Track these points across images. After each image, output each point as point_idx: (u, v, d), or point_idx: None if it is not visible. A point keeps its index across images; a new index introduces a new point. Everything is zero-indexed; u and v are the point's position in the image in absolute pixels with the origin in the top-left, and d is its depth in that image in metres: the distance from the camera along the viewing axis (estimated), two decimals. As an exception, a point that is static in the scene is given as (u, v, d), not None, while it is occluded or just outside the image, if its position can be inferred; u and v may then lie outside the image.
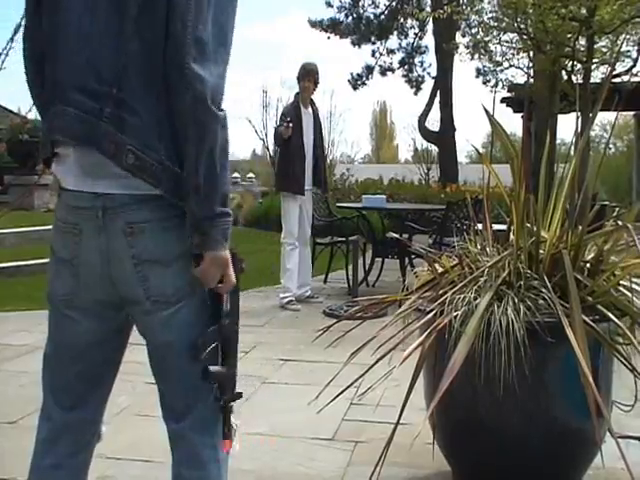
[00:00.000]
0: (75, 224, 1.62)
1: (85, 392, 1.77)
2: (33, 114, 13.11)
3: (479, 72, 18.52)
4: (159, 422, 1.76)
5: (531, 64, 12.44)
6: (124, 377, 1.93)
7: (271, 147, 17.40)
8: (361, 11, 23.43)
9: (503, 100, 15.92)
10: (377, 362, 2.59)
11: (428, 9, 19.68)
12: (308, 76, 6.63)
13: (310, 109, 6.72)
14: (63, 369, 1.76)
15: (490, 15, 11.93)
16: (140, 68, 1.56)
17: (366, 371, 2.59)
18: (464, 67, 73.52)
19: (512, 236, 2.77)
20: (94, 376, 1.78)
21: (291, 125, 6.40)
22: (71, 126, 1.58)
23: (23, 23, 1.73)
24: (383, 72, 23.81)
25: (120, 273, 1.61)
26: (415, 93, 23.99)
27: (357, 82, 23.78)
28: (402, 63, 23.88)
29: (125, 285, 1.62)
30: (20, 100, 20.47)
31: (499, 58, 12.77)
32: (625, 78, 10.32)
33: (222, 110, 1.54)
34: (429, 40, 22.69)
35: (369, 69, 23.77)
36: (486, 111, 2.83)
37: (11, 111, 16.11)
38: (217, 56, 1.55)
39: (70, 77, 1.59)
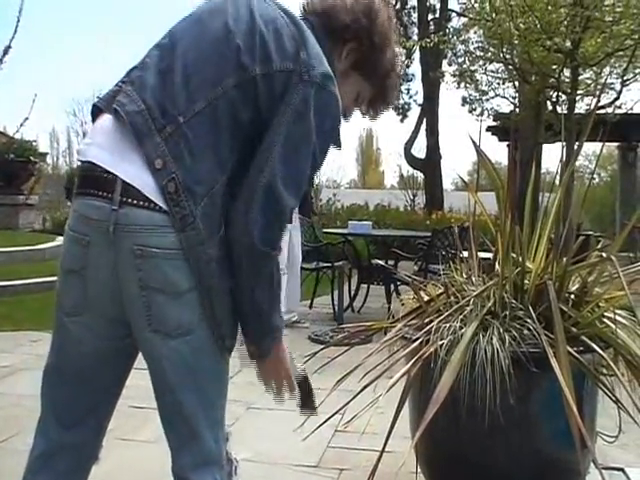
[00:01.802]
0: (84, 234, 1.59)
1: (85, 412, 1.74)
2: (20, 134, 13.18)
3: (465, 101, 18.70)
4: (141, 446, 1.76)
5: (516, 94, 12.61)
6: (109, 400, 1.91)
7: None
8: (349, 38, 23.62)
9: (489, 129, 16.11)
10: (363, 390, 2.59)
11: (415, 37, 19.96)
12: None
13: None
14: (63, 385, 1.73)
15: (476, 45, 12.12)
16: (211, 124, 1.59)
17: (352, 399, 2.60)
18: (450, 95, 74.12)
19: (497, 266, 2.79)
20: (95, 396, 1.75)
21: None
22: (131, 111, 1.57)
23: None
24: (370, 99, 23.95)
25: (126, 292, 1.58)
26: (401, 120, 24.17)
27: (344, 108, 23.90)
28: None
29: (129, 305, 1.59)
30: (5, 120, 20.43)
31: (485, 87, 12.99)
32: (609, 110, 10.46)
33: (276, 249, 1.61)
34: (416, 68, 22.87)
35: (356, 95, 23.91)
36: (473, 143, 2.87)
37: (-5, 130, 16.09)
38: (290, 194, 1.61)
39: (154, 89, 1.60)
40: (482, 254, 3.06)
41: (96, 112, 1.70)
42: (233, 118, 1.60)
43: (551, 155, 21.02)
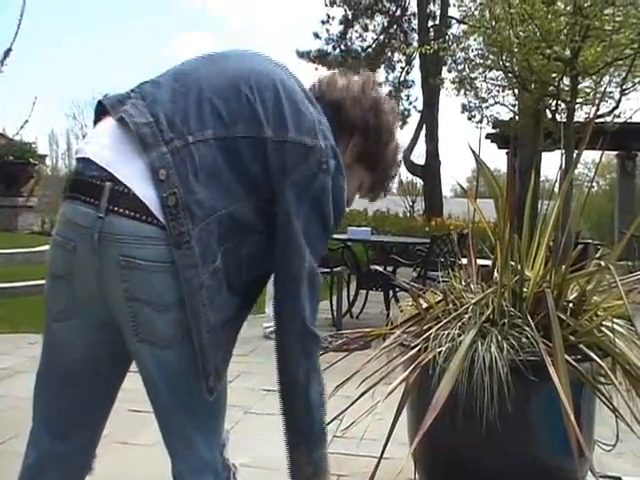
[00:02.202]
0: (70, 240, 1.56)
1: (77, 421, 1.73)
2: (19, 136, 13.18)
3: (465, 108, 18.76)
4: (141, 450, 1.76)
5: (516, 102, 12.64)
6: (108, 404, 1.91)
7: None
8: (349, 44, 23.70)
9: (488, 136, 16.13)
10: (361, 396, 2.60)
11: (415, 44, 20.02)
12: None
13: None
14: (55, 392, 1.71)
15: (476, 52, 12.14)
16: (220, 170, 1.58)
17: (350, 405, 2.61)
18: (450, 102, 74.23)
19: (496, 273, 2.81)
20: (88, 404, 1.73)
21: None
22: (140, 122, 1.54)
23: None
24: (370, 105, 23.97)
25: (113, 300, 1.56)
26: (401, 127, 24.16)
27: (344, 114, 23.92)
28: (389, 96, 24.01)
29: (117, 312, 1.57)
30: (4, 121, 20.45)
31: (485, 95, 13.00)
32: (608, 119, 10.49)
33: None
34: (416, 74, 22.95)
35: (356, 101, 23.93)
36: (473, 152, 2.89)
37: (-4, 132, 16.09)
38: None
39: (165, 104, 1.59)
40: (481, 261, 3.07)
41: (100, 110, 1.66)
42: (240, 164, 1.59)
43: (550, 163, 21.07)
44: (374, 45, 23.65)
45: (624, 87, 10.11)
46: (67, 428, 1.72)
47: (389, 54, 24.01)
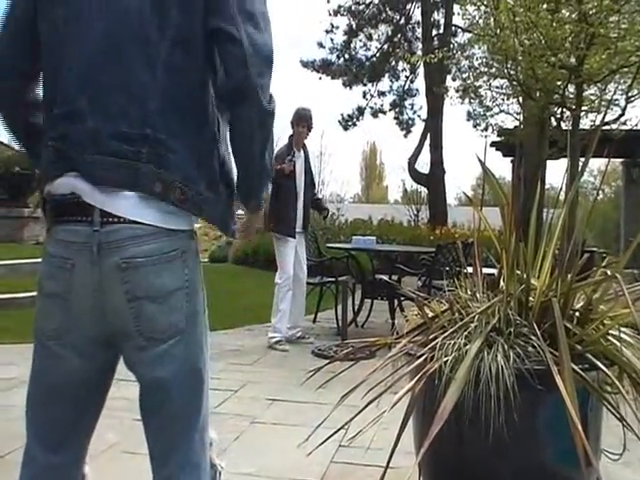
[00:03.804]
0: (67, 259, 1.61)
1: (70, 433, 1.75)
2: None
3: (470, 116, 18.76)
4: (147, 460, 1.76)
5: (521, 110, 12.63)
6: (112, 413, 1.92)
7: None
8: (353, 53, 23.76)
9: (493, 144, 16.11)
10: (367, 405, 2.59)
11: (419, 53, 20.06)
12: (302, 121, 6.68)
13: (302, 152, 6.79)
14: (48, 408, 1.74)
15: (480, 61, 12.14)
16: (175, 106, 1.62)
17: (356, 414, 2.60)
18: (455, 110, 74.34)
19: (502, 282, 2.80)
20: (79, 417, 1.76)
21: (294, 159, 6.48)
22: (113, 174, 1.58)
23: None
24: (374, 114, 24.07)
25: (112, 307, 1.61)
26: (405, 135, 24.25)
27: (348, 123, 24.02)
28: (393, 105, 24.16)
29: (117, 319, 1.61)
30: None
31: (489, 103, 12.98)
32: (614, 126, 10.48)
33: (272, 102, 1.69)
34: (420, 83, 22.99)
35: (360, 110, 24.03)
36: (479, 160, 2.89)
37: (1, 143, 16.12)
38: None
39: (103, 126, 1.59)
40: (486, 270, 3.06)
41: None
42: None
43: (555, 171, 21.05)
44: (378, 54, 23.71)
45: (630, 94, 10.10)
46: (61, 439, 1.74)
47: (393, 63, 24.06)
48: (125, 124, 1.59)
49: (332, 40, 23.43)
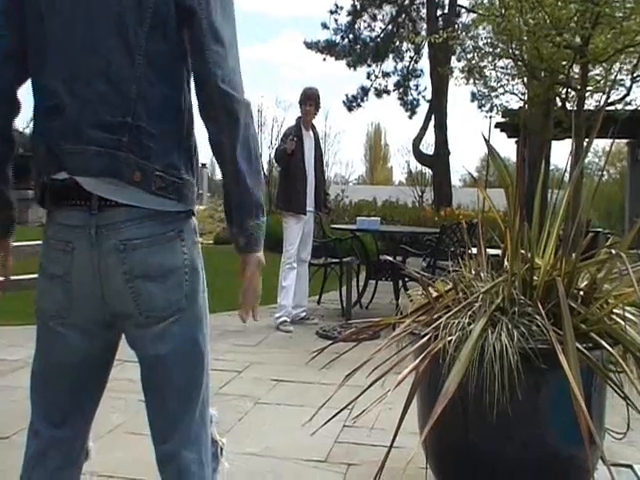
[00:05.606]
0: (68, 241, 1.65)
1: (73, 409, 1.79)
2: (29, 129, 13.20)
3: (474, 96, 18.65)
4: (151, 440, 1.77)
5: (526, 90, 12.56)
6: (117, 394, 1.93)
7: (266, 166, 17.46)
8: (357, 34, 23.62)
9: (497, 125, 16.04)
10: (371, 385, 2.60)
11: (424, 33, 19.92)
12: (309, 100, 6.72)
13: (311, 132, 6.80)
14: (51, 386, 1.77)
15: (485, 41, 12.05)
16: (154, 91, 1.61)
17: (360, 394, 2.60)
18: (459, 91, 73.99)
19: (506, 262, 2.80)
20: (82, 393, 1.79)
21: (295, 139, 6.48)
22: (93, 164, 1.60)
23: None
24: (378, 94, 23.97)
25: (112, 288, 1.64)
26: (410, 117, 24.15)
27: (352, 103, 23.94)
28: (397, 86, 24.05)
29: (117, 300, 1.65)
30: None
31: (494, 83, 12.89)
32: (619, 106, 10.42)
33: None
34: (424, 64, 22.85)
35: (364, 91, 23.93)
36: (485, 140, 2.87)
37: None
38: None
39: (83, 115, 1.60)
40: (491, 250, 3.06)
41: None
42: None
43: (560, 152, 20.97)
44: (382, 35, 23.57)
45: (635, 74, 10.03)
46: (65, 416, 1.78)
47: (397, 43, 23.92)
48: (105, 112, 1.59)
49: (336, 21, 23.34)
